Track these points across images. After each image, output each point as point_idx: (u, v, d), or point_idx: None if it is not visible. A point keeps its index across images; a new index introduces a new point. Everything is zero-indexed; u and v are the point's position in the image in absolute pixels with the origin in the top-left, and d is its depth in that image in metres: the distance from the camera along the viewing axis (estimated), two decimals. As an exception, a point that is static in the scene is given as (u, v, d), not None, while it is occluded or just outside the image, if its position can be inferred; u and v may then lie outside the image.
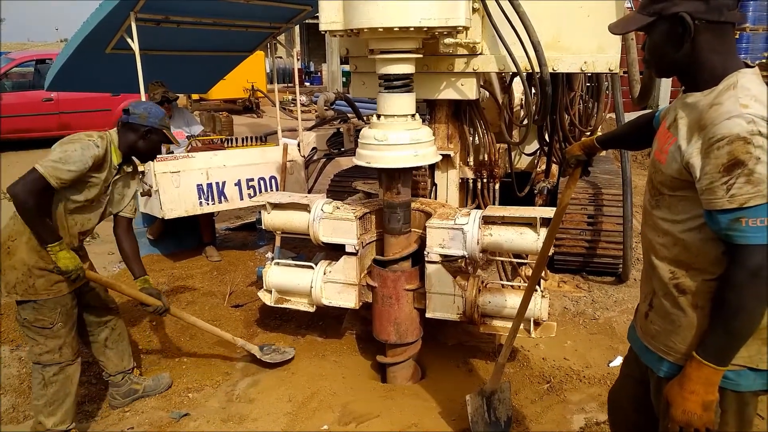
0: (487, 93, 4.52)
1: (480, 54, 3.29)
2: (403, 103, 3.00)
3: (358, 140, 3.14)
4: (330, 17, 2.92)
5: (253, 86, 16.21)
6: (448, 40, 3.10)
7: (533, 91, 3.30)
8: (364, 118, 7.43)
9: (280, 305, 3.69)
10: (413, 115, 3.04)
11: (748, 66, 1.52)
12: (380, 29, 2.73)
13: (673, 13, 1.51)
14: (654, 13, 1.56)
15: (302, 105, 6.84)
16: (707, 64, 1.52)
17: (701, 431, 1.52)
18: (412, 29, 2.73)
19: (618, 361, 3.59)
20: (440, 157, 3.26)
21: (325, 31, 2.98)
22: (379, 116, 3.05)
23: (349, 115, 8.14)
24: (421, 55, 3.01)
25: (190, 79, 6.44)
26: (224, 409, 3.23)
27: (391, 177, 3.12)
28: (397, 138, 2.97)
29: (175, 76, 5.59)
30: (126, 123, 2.93)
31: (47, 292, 2.76)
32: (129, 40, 4.40)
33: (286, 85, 21.07)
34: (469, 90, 3.44)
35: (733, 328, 1.45)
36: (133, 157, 3.05)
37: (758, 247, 1.39)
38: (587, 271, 4.96)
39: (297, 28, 5.78)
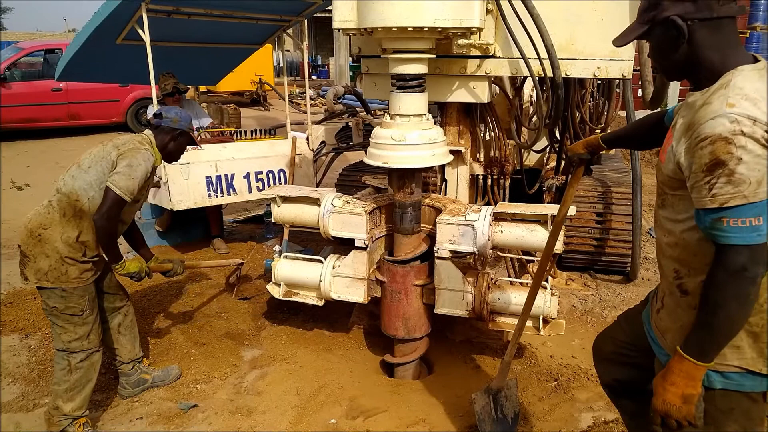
0: (497, 88, 4.50)
1: (492, 56, 3.28)
2: (415, 103, 2.99)
3: (370, 140, 3.14)
4: (343, 15, 2.91)
5: (260, 79, 16.19)
6: (461, 41, 3.09)
7: (545, 93, 3.29)
8: (373, 112, 7.41)
9: (288, 298, 3.70)
10: (425, 115, 3.04)
11: (757, 60, 1.52)
12: (394, 29, 2.72)
13: (664, 17, 1.53)
14: (647, 21, 1.59)
15: (310, 99, 6.82)
16: (706, 62, 1.53)
17: (682, 423, 1.55)
18: (426, 29, 2.72)
19: (626, 360, 3.58)
20: (451, 158, 3.26)
21: (339, 29, 2.97)
22: (391, 116, 3.05)
23: (357, 109, 8.12)
24: (434, 56, 3.00)
25: (199, 71, 6.44)
26: (232, 401, 3.25)
27: (402, 177, 3.12)
28: (409, 138, 2.96)
29: (184, 67, 5.60)
30: (159, 126, 3.13)
31: (77, 281, 2.85)
32: (140, 31, 4.40)
33: (293, 78, 21.05)
34: (481, 92, 3.42)
35: (713, 325, 1.47)
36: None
37: (739, 247, 1.40)
38: (595, 269, 4.95)
39: (305, 21, 5.76)
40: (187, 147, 3.32)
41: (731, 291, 1.42)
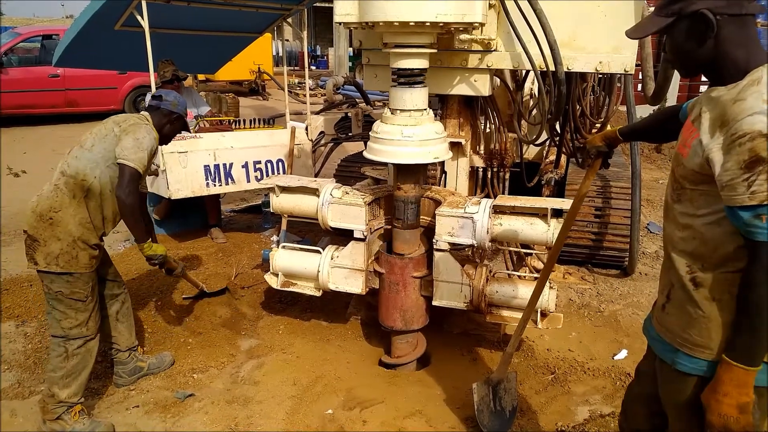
0: (498, 80, 4.48)
1: (494, 50, 3.26)
2: (416, 97, 2.97)
3: (370, 134, 3.12)
4: (345, 9, 2.89)
5: (259, 68, 16.12)
6: (463, 36, 3.06)
7: (546, 88, 3.27)
8: (372, 103, 7.39)
9: (286, 288, 3.69)
10: (426, 110, 3.02)
11: None
12: (396, 23, 2.70)
13: (694, 11, 1.51)
14: (673, 14, 1.55)
15: (309, 89, 6.78)
16: (731, 58, 1.51)
17: None
18: (427, 24, 2.70)
19: (623, 354, 3.59)
20: (451, 154, 3.25)
21: (340, 23, 2.95)
22: (392, 111, 3.03)
23: (357, 100, 8.09)
24: (435, 50, 2.98)
25: (198, 59, 6.39)
26: (229, 390, 3.25)
27: (403, 172, 3.11)
28: (411, 133, 2.95)
29: (183, 55, 5.54)
30: (158, 108, 3.15)
31: (86, 266, 2.87)
32: (139, 18, 4.36)
33: (292, 68, 20.97)
34: (482, 86, 3.40)
35: (756, 326, 1.44)
36: None
37: None
38: (593, 263, 4.95)
39: (305, 10, 5.75)
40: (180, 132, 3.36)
41: None
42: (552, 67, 3.03)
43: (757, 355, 1.47)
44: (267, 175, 5.15)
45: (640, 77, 4.04)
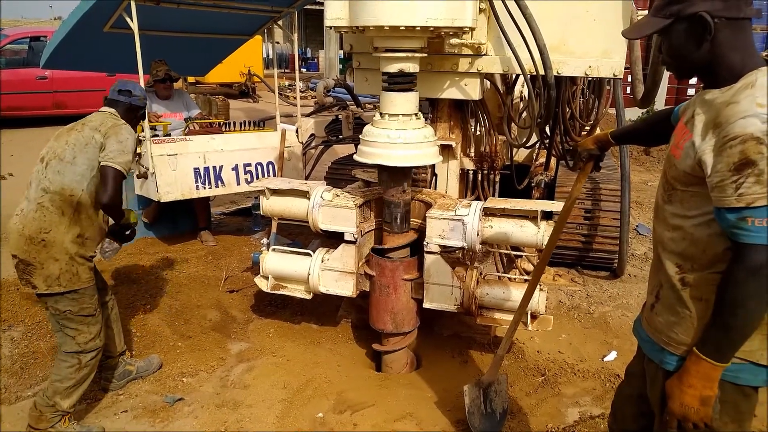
0: (488, 83, 4.49)
1: (485, 55, 3.27)
2: (406, 102, 2.98)
3: (361, 137, 3.11)
4: (335, 14, 2.89)
5: (249, 71, 16.07)
6: (453, 41, 3.08)
7: (536, 91, 3.28)
8: (363, 105, 7.39)
9: (276, 292, 3.68)
10: (416, 114, 3.03)
11: None
12: (386, 28, 2.70)
13: (692, 13, 1.51)
14: (671, 15, 1.56)
15: (300, 91, 6.77)
16: (726, 62, 1.53)
17: (699, 425, 1.54)
18: (418, 29, 2.70)
19: (612, 356, 3.61)
20: (441, 158, 3.25)
21: (331, 27, 2.95)
22: (381, 114, 3.03)
23: (347, 102, 8.08)
24: (425, 54, 2.99)
25: (188, 62, 6.36)
26: (218, 394, 3.23)
27: (394, 175, 3.11)
28: (401, 137, 2.95)
29: (173, 57, 5.51)
30: (129, 104, 3.09)
31: (87, 281, 2.83)
32: (128, 19, 4.33)
33: (282, 70, 20.94)
34: (472, 90, 3.42)
35: (731, 325, 1.46)
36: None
37: (761, 246, 1.40)
38: (582, 265, 4.98)
39: (296, 13, 5.74)
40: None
41: (751, 289, 1.42)
42: (542, 71, 3.04)
43: (727, 353, 1.49)
44: (257, 178, 5.13)
45: (629, 80, 4.08)
